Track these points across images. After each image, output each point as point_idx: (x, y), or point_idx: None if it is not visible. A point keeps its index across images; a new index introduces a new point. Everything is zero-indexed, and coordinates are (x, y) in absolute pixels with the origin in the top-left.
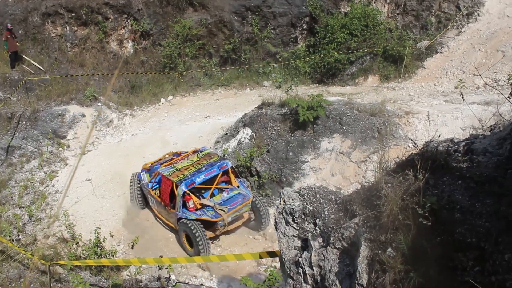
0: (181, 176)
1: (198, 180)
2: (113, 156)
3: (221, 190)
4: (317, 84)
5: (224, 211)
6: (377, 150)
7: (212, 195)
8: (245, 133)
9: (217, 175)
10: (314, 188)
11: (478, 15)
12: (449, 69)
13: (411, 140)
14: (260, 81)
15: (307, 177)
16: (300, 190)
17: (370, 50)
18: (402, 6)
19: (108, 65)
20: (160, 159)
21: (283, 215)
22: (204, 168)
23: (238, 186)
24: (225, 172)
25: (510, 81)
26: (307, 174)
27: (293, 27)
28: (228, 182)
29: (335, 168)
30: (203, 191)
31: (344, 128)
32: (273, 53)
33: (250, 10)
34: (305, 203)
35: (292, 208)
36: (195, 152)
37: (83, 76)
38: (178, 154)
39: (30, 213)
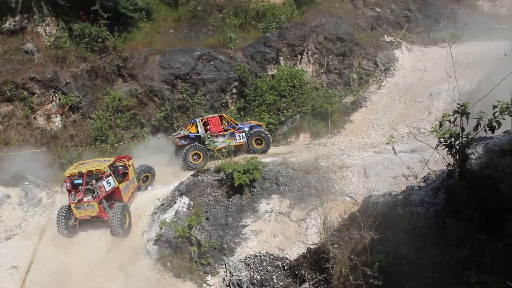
0: None
1: None
2: (43, 238)
3: None
4: None
5: None
6: (315, 207)
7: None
8: (182, 202)
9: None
10: (260, 256)
11: (394, 70)
12: (374, 121)
13: (349, 195)
14: None
15: (249, 241)
16: (246, 259)
17: (299, 109)
18: (326, 65)
19: (35, 142)
20: None
21: (230, 287)
22: None
23: None
24: None
25: (434, 133)
26: (248, 238)
27: (223, 92)
28: None
29: (276, 229)
30: None
31: (281, 188)
32: None
33: (180, 78)
34: (252, 273)
35: (239, 279)
36: None
37: (7, 155)
38: None
39: None
